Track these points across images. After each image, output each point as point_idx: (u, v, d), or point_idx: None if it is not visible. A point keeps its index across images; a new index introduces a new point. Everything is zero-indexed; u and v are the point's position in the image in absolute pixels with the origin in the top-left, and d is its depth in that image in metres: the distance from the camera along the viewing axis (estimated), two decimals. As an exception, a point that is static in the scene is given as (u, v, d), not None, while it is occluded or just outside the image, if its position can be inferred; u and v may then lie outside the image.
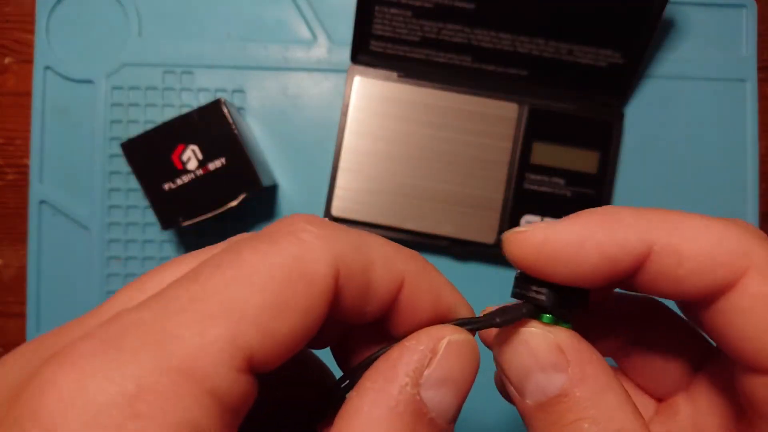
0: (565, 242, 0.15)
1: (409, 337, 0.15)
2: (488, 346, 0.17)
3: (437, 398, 0.14)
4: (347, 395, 0.15)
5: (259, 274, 0.13)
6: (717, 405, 0.18)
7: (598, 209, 0.16)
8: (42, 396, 0.11)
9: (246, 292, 0.13)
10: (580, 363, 0.15)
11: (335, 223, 0.15)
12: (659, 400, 0.20)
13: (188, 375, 0.12)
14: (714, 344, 0.17)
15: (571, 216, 0.16)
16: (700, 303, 0.16)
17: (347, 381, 0.16)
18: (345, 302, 0.15)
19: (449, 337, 0.15)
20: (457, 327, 0.16)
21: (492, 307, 0.18)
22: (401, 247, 0.16)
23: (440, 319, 0.16)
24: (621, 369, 0.20)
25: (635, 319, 0.20)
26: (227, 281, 0.13)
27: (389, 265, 0.15)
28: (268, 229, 0.15)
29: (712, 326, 0.16)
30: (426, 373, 0.14)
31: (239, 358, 0.12)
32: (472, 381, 0.15)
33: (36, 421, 0.11)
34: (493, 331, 0.17)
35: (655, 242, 0.15)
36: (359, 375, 0.15)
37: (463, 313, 0.17)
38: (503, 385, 0.17)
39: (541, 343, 0.16)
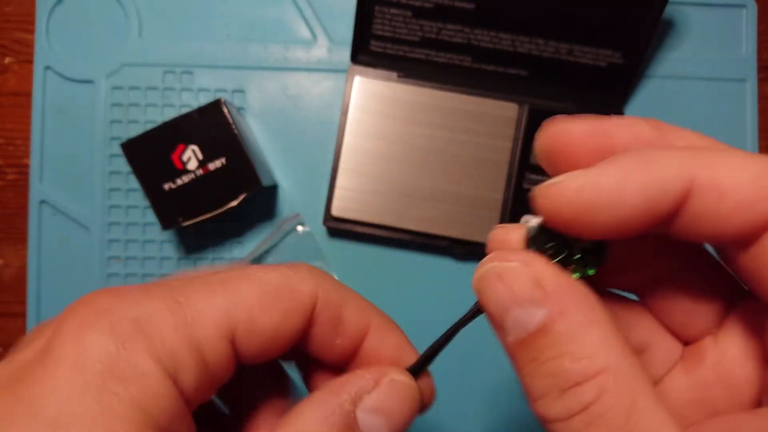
0: (605, 188, 0.14)
1: (364, 368, 0.18)
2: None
3: (369, 422, 0.17)
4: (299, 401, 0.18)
5: (259, 278, 0.17)
6: (746, 353, 0.17)
7: (632, 152, 0.15)
8: (66, 325, 0.15)
9: (246, 286, 0.17)
10: (560, 296, 0.15)
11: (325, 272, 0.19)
12: (686, 342, 0.19)
13: (185, 321, 0.16)
14: (747, 288, 0.16)
15: (604, 162, 0.15)
16: (739, 243, 0.15)
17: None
18: (319, 327, 0.18)
19: (393, 375, 0.18)
20: (403, 370, 0.18)
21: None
22: (372, 304, 0.19)
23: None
24: (646, 306, 0.19)
25: (662, 253, 0.18)
26: (235, 277, 0.17)
27: (361, 308, 0.18)
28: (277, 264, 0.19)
29: (749, 269, 0.15)
30: (365, 398, 0.17)
31: (227, 329, 0.16)
32: (407, 418, 0.17)
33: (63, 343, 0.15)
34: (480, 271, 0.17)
35: (696, 177, 0.14)
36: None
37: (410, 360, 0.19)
38: None
39: (518, 277, 0.15)
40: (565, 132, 0.16)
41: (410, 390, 0.18)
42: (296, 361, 0.21)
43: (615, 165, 0.15)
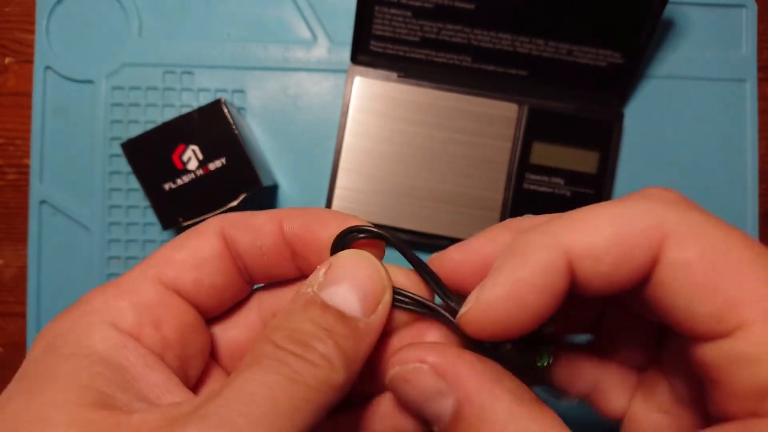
0: (502, 303, 0.16)
1: None
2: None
3: (335, 295, 0.17)
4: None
5: (176, 239, 0.20)
6: (686, 375, 0.18)
7: (508, 248, 0.17)
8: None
9: (165, 246, 0.19)
10: (461, 383, 0.16)
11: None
12: (640, 371, 0.20)
13: (124, 287, 0.18)
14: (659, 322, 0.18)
15: (491, 274, 0.17)
16: (636, 289, 0.16)
17: None
18: (239, 242, 0.19)
19: (342, 253, 0.18)
20: (352, 250, 0.19)
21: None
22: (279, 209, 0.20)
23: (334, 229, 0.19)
24: (597, 342, 0.21)
25: (584, 307, 0.20)
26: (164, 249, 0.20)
27: (267, 212, 0.20)
28: None
29: (653, 306, 0.16)
30: (321, 280, 0.18)
31: (152, 276, 0.19)
32: (375, 280, 0.18)
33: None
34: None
35: (570, 252, 0.16)
36: None
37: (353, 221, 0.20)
38: None
39: (420, 376, 0.17)
40: (447, 262, 0.19)
41: (359, 255, 0.18)
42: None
43: (500, 276, 0.16)
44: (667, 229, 0.15)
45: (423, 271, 0.19)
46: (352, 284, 0.17)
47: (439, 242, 0.42)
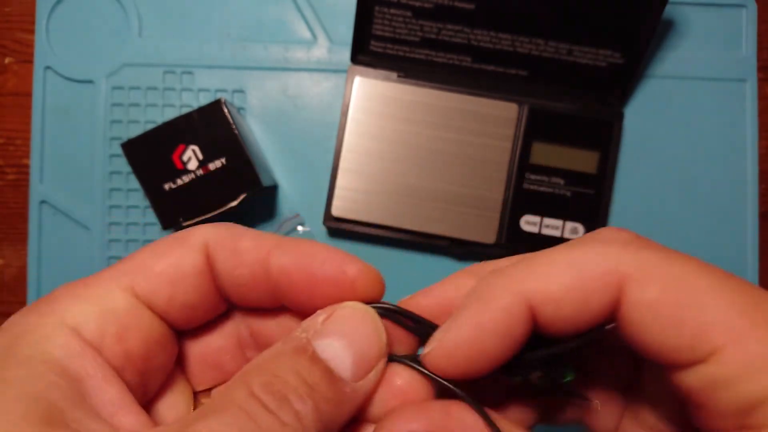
0: (463, 344, 0.17)
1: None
2: None
3: (328, 348, 0.16)
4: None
5: (155, 243, 0.18)
6: (667, 396, 0.19)
7: (471, 291, 0.18)
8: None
9: (143, 250, 0.18)
10: None
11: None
12: (625, 392, 0.21)
13: (90, 290, 0.17)
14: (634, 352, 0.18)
15: (453, 316, 0.17)
16: (599, 325, 0.17)
17: None
18: (220, 263, 0.18)
19: (347, 305, 0.17)
20: (358, 302, 0.18)
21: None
22: (271, 234, 0.19)
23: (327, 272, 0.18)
24: (582, 368, 0.21)
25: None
26: (139, 256, 0.18)
27: (255, 237, 0.18)
28: None
29: (626, 340, 0.16)
30: (318, 328, 0.17)
31: (124, 283, 0.17)
32: (371, 339, 0.17)
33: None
34: None
35: (530, 299, 0.16)
36: None
37: (350, 267, 0.18)
38: None
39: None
40: (414, 306, 0.19)
41: (364, 312, 0.17)
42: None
43: (456, 323, 0.17)
44: (624, 271, 0.16)
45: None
46: (350, 342, 0.17)
47: (439, 242, 0.42)
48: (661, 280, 0.16)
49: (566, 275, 0.16)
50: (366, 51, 0.42)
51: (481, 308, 0.17)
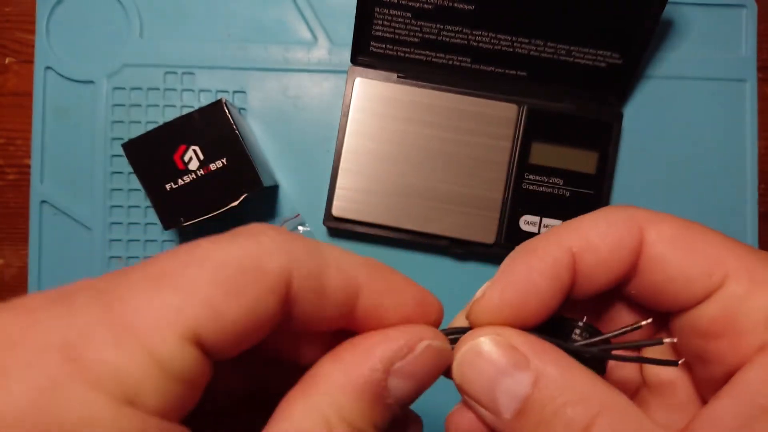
0: (519, 286, 0.17)
1: (394, 327, 0.16)
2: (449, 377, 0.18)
3: (400, 388, 0.15)
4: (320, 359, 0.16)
5: (212, 260, 0.14)
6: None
7: (517, 248, 0.18)
8: None
9: (198, 273, 0.14)
10: (538, 354, 0.16)
11: (292, 233, 0.16)
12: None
13: (129, 331, 0.12)
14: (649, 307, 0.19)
15: (502, 268, 0.18)
16: (630, 276, 0.18)
17: None
18: (301, 305, 0.15)
19: (429, 341, 0.16)
20: (438, 332, 0.17)
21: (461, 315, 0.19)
22: (355, 254, 0.16)
23: (413, 317, 0.17)
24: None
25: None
26: (182, 263, 0.14)
27: (343, 268, 0.16)
28: (231, 231, 0.15)
29: (650, 287, 0.18)
30: (398, 365, 0.15)
31: (185, 328, 0.13)
32: (434, 380, 0.16)
33: None
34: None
35: (573, 247, 0.18)
36: None
37: (432, 309, 0.18)
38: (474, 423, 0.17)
39: (495, 348, 0.16)
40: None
41: (445, 355, 0.17)
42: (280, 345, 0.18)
43: (500, 280, 0.17)
44: (643, 217, 0.18)
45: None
46: (420, 382, 0.16)
47: (438, 242, 0.42)
48: (674, 222, 0.18)
49: (600, 224, 0.18)
50: (366, 52, 0.42)
51: (532, 256, 0.18)
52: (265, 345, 0.16)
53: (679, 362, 0.18)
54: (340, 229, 0.42)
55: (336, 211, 0.41)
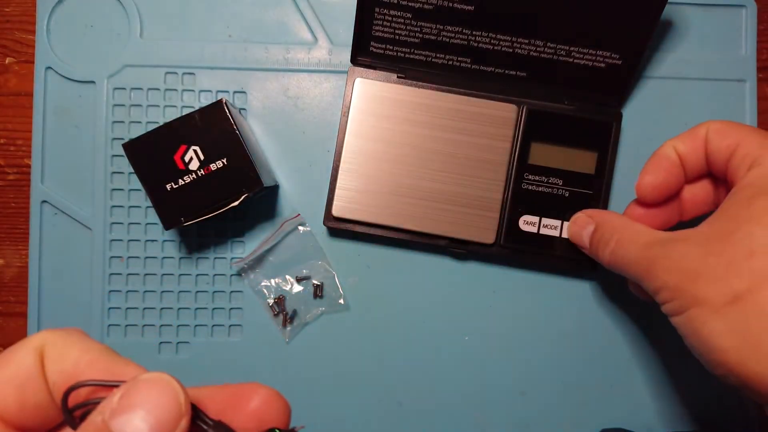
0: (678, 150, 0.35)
1: None
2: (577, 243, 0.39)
3: (126, 425, 0.16)
4: None
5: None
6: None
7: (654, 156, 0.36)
8: None
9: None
10: (598, 215, 0.37)
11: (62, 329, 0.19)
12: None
13: None
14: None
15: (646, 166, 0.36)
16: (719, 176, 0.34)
17: None
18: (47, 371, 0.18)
19: (141, 376, 0.17)
20: (152, 373, 0.18)
21: None
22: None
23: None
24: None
25: None
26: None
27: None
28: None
29: (722, 172, 0.33)
30: (114, 407, 0.17)
31: None
32: (172, 409, 0.17)
33: None
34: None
35: (709, 129, 0.33)
36: None
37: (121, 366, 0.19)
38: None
39: (578, 218, 0.39)
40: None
41: (161, 380, 0.17)
42: None
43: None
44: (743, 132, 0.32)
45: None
46: (147, 411, 0.17)
47: (438, 242, 0.42)
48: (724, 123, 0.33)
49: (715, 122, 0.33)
50: (366, 52, 0.42)
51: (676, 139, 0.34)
52: None
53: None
54: (340, 229, 0.42)
55: (336, 211, 0.41)
